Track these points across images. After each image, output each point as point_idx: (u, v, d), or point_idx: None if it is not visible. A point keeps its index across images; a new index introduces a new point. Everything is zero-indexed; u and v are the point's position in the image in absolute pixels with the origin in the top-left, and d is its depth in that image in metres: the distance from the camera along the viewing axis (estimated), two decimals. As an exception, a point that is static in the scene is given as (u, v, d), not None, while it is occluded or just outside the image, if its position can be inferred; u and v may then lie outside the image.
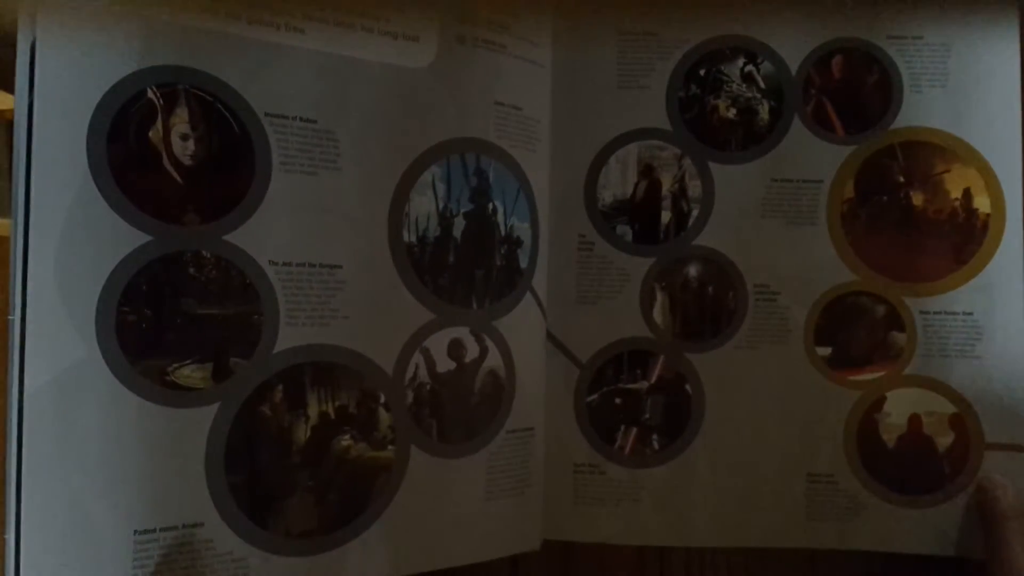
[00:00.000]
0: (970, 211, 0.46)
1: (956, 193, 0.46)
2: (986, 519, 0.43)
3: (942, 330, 0.46)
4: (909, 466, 0.46)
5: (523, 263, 0.45)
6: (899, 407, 0.46)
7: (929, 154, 0.47)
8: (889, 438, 0.46)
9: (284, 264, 0.38)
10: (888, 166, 0.47)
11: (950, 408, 0.46)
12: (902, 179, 0.47)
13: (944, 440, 0.46)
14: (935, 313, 0.46)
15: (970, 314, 0.46)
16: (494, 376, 0.44)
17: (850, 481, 0.46)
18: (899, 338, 0.46)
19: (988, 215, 0.46)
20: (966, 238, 0.46)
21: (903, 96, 0.47)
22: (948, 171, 0.46)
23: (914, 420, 0.46)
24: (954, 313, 0.46)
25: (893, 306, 0.46)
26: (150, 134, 0.35)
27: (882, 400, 0.46)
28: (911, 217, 0.47)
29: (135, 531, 0.34)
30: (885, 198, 0.47)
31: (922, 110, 0.47)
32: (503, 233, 0.44)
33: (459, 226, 0.43)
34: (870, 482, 0.46)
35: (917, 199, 0.47)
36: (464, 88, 0.42)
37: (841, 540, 0.46)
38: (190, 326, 0.35)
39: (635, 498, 0.47)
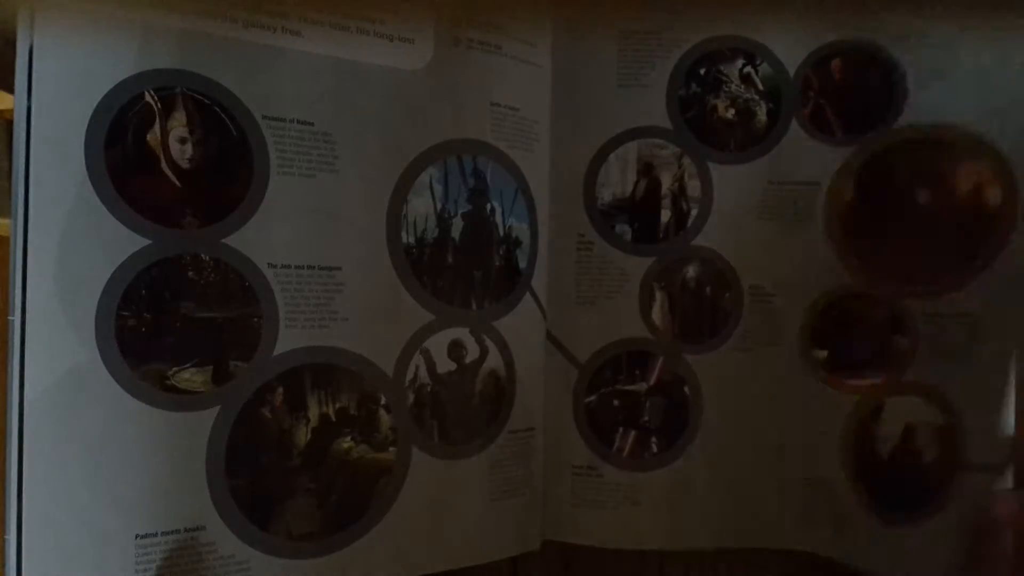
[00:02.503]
0: (976, 210, 0.43)
1: (962, 192, 0.44)
2: (976, 531, 0.41)
3: (943, 334, 0.44)
4: (898, 481, 0.44)
5: (522, 263, 0.45)
6: (896, 416, 0.44)
7: (934, 153, 0.45)
8: (883, 449, 0.44)
9: (283, 267, 0.38)
10: (891, 167, 0.46)
11: (940, 419, 0.43)
12: (906, 180, 0.45)
13: (931, 454, 0.43)
14: (936, 316, 0.44)
15: (968, 316, 0.44)
16: (495, 377, 0.44)
17: (845, 491, 0.45)
18: (901, 342, 0.45)
19: (993, 215, 0.43)
20: (969, 238, 0.44)
21: (907, 95, 0.45)
22: (955, 169, 0.44)
23: (908, 431, 0.44)
24: (953, 316, 0.44)
25: (894, 310, 0.45)
26: (148, 138, 0.35)
27: (881, 407, 0.45)
28: (914, 219, 0.45)
29: (137, 535, 0.34)
30: (887, 200, 0.46)
31: (926, 108, 0.45)
32: (501, 234, 0.44)
33: (457, 227, 0.43)
34: (863, 495, 0.45)
35: (921, 199, 0.45)
36: (460, 90, 0.42)
37: (835, 549, 0.45)
38: (190, 329, 0.35)
39: (634, 502, 0.46)
